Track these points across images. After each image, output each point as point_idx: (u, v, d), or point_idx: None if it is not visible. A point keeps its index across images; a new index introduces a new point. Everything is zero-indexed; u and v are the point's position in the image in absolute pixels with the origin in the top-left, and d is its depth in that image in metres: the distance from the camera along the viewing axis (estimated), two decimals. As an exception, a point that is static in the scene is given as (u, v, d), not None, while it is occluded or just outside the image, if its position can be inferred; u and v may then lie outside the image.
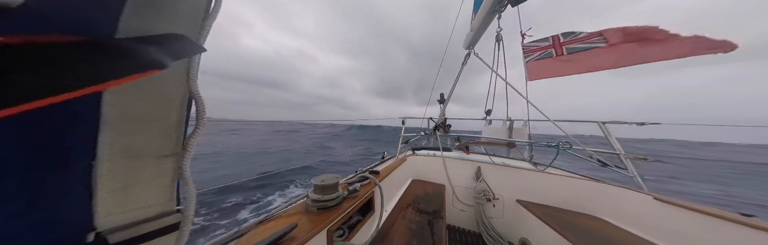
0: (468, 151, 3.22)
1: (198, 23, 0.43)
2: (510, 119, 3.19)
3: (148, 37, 0.32)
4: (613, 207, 1.71)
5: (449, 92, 3.35)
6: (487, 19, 1.99)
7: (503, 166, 2.29)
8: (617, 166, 1.92)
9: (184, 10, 0.40)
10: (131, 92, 0.37)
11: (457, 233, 2.24)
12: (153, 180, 0.43)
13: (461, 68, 3.08)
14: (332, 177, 1.10)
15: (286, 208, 1.07)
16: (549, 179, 2.02)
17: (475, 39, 2.40)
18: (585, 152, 1.96)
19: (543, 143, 2.01)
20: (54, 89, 0.22)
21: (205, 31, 0.43)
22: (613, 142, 2.13)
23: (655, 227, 1.46)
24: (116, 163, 0.37)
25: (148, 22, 0.35)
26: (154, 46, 0.31)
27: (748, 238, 1.11)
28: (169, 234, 0.45)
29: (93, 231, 0.36)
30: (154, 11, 0.36)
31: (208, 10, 0.44)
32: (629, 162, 1.92)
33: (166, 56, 0.32)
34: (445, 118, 3.38)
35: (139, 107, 0.38)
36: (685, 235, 1.32)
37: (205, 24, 0.43)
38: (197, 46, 0.38)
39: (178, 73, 0.42)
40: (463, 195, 2.36)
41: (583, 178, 1.99)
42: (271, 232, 0.80)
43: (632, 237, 1.43)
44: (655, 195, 1.52)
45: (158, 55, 0.31)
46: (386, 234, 1.40)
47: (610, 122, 2.19)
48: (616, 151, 2.01)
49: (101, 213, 0.37)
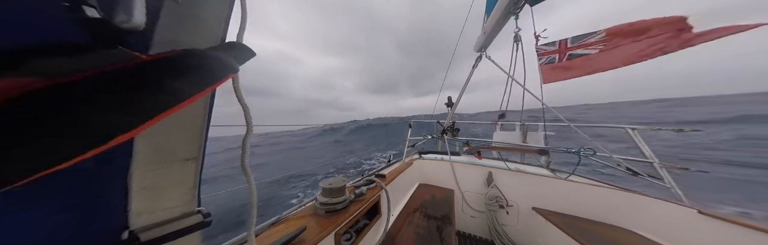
0: (480, 156, 3.12)
1: (221, 31, 0.44)
2: (524, 123, 3.06)
3: (218, 45, 0.36)
4: (648, 220, 1.56)
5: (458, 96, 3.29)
6: (501, 20, 1.93)
7: (517, 172, 2.19)
8: (651, 175, 1.76)
9: (208, 20, 0.42)
10: None
11: (468, 240, 2.17)
12: (178, 182, 0.46)
13: (471, 72, 3.01)
14: (339, 180, 1.12)
15: (297, 210, 1.10)
16: (569, 187, 1.89)
17: (487, 42, 2.34)
18: (611, 159, 1.81)
19: (562, 149, 1.90)
20: (186, 94, 0.27)
21: (241, 38, 0.44)
22: (644, 149, 1.93)
23: (700, 243, 1.33)
24: (149, 165, 0.40)
25: (177, 34, 0.38)
26: (224, 53, 0.34)
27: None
28: (191, 233, 0.48)
29: (127, 230, 0.39)
30: (181, 24, 0.38)
31: (228, 19, 0.45)
32: (665, 172, 1.75)
33: (236, 61, 0.36)
34: (453, 121, 3.32)
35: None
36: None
37: (240, 32, 0.44)
38: (251, 51, 0.41)
39: None
40: (474, 200, 2.28)
41: (610, 187, 1.84)
42: (281, 234, 0.83)
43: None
44: (699, 209, 1.37)
45: (229, 60, 0.34)
46: (393, 238, 1.39)
47: (641, 128, 2.00)
48: (648, 159, 1.84)
49: (134, 212, 0.40)
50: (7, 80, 0.16)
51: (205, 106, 0.46)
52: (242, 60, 0.38)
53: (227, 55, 0.35)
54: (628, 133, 2.04)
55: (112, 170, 0.36)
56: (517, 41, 2.50)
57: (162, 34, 0.35)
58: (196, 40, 0.40)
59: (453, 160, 2.53)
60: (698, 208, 1.38)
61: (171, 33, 0.36)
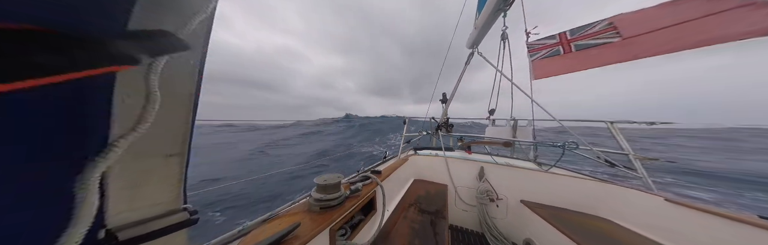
0: (470, 151, 3.20)
1: (203, 20, 0.40)
2: (514, 118, 3.16)
3: (128, 31, 0.31)
4: (622, 209, 1.68)
5: (452, 91, 3.34)
6: (491, 17, 1.96)
7: (507, 166, 2.27)
8: (626, 166, 1.88)
9: (186, 8, 0.38)
10: (142, 92, 0.37)
11: (460, 233, 2.24)
12: (160, 179, 0.44)
13: (464, 68, 3.05)
14: (334, 177, 1.11)
15: (290, 207, 1.08)
16: (554, 180, 2.00)
17: (479, 38, 2.37)
18: (592, 152, 1.92)
19: (548, 143, 1.98)
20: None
21: (205, 27, 0.41)
22: (621, 142, 2.08)
23: (666, 229, 1.44)
24: (126, 162, 0.38)
25: (156, 20, 0.35)
26: (131, 41, 0.30)
27: (767, 242, 1.08)
28: (176, 232, 0.46)
29: (103, 229, 0.37)
30: (160, 10, 0.35)
31: (207, 8, 0.41)
32: (638, 163, 1.88)
33: (141, 52, 0.32)
34: (447, 118, 3.36)
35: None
36: (698, 238, 1.30)
37: (203, 21, 0.40)
38: (181, 44, 0.37)
39: (185, 73, 0.42)
40: (466, 195, 2.35)
41: (589, 178, 1.96)
42: (274, 231, 0.81)
43: (641, 239, 1.41)
44: (666, 197, 1.49)
45: (130, 50, 0.30)
46: (388, 233, 1.41)
47: (619, 122, 2.15)
48: (624, 151, 1.97)
49: (112, 211, 0.38)
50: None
51: (189, 99, 0.44)
52: (163, 52, 0.35)
53: (137, 43, 0.31)
54: (609, 127, 2.17)
55: (81, 169, 0.33)
56: (504, 39, 2.56)
57: (137, 20, 0.32)
58: (176, 20, 0.36)
59: (447, 156, 2.58)
60: (665, 196, 1.50)
61: (151, 11, 0.33)
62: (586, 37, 2.44)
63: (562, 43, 2.61)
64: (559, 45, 2.63)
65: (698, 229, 1.30)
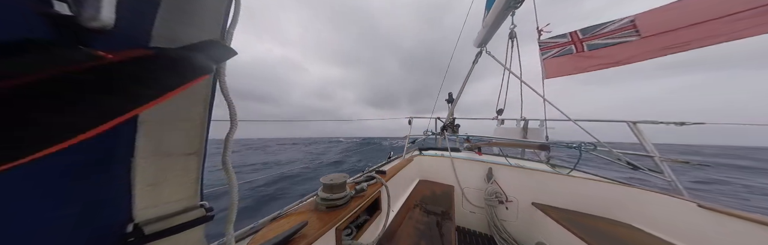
0: (480, 152, 3.13)
1: (219, 28, 0.44)
2: (524, 118, 3.06)
3: (191, 45, 0.35)
4: (647, 214, 1.57)
5: (459, 91, 3.28)
6: (501, 15, 1.91)
7: (517, 167, 2.20)
8: (652, 169, 1.76)
9: (207, 17, 0.42)
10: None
11: (467, 235, 2.20)
12: (180, 177, 0.47)
13: (472, 67, 2.99)
14: (340, 176, 1.13)
15: (298, 206, 1.11)
16: (568, 182, 1.91)
17: (487, 37, 2.32)
18: (612, 154, 1.82)
19: (563, 144, 1.90)
20: (146, 98, 0.26)
21: (230, 35, 0.45)
22: (645, 143, 1.94)
23: (699, 236, 1.33)
24: (150, 160, 0.41)
25: (178, 30, 0.38)
26: (199, 53, 0.34)
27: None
28: (194, 228, 0.49)
29: (132, 223, 0.40)
30: (181, 20, 0.38)
31: (228, 16, 0.45)
32: (666, 166, 1.76)
33: (210, 61, 0.35)
34: (453, 118, 3.31)
35: (171, 108, 0.42)
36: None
37: (229, 29, 0.44)
38: (230, 50, 0.40)
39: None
40: (474, 196, 2.30)
41: (609, 181, 1.85)
42: (283, 229, 0.84)
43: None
44: (699, 202, 1.37)
45: (204, 60, 0.34)
46: (393, 233, 1.41)
47: (642, 122, 2.00)
48: (649, 153, 1.84)
49: (138, 206, 0.41)
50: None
51: (205, 100, 0.46)
52: (220, 59, 0.38)
53: (203, 54, 0.34)
54: (631, 128, 2.03)
55: (115, 164, 0.36)
56: (512, 38, 2.49)
57: (160, 29, 0.34)
58: (195, 35, 0.40)
59: (453, 156, 2.54)
60: (698, 202, 1.39)
61: (169, 28, 0.36)
62: (600, 37, 2.36)
63: (573, 42, 2.54)
64: (571, 44, 2.55)
65: (739, 238, 1.20)
